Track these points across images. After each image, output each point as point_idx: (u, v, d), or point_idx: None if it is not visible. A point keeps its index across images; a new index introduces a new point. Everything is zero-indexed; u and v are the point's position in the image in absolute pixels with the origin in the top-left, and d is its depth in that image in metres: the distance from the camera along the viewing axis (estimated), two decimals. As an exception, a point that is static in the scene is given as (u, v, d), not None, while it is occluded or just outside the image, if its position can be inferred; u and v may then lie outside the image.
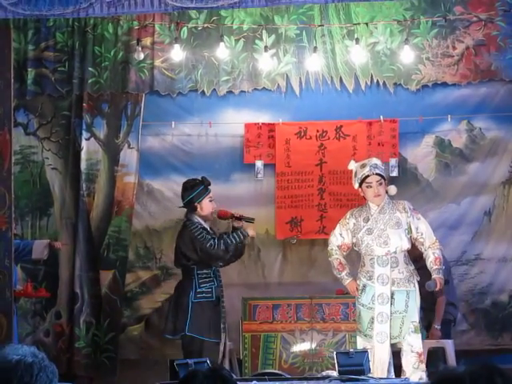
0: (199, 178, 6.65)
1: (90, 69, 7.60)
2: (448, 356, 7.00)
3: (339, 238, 6.40)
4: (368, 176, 6.27)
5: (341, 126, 7.98)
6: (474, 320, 7.92)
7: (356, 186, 6.37)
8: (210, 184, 6.55)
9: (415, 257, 6.58)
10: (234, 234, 6.47)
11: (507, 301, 7.91)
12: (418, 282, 6.33)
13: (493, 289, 7.91)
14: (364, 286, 6.31)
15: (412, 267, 6.37)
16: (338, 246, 6.41)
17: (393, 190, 6.42)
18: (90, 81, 7.61)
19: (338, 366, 5.65)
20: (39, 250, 7.07)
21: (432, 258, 6.30)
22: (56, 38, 7.60)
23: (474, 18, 7.55)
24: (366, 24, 7.61)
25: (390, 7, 7.60)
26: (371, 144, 7.92)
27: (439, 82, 7.77)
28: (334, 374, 5.87)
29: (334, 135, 7.99)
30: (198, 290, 6.37)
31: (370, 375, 5.71)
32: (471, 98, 7.94)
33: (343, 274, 6.40)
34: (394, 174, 7.80)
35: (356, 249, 6.43)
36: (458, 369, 2.29)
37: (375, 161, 6.42)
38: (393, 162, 7.82)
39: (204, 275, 6.39)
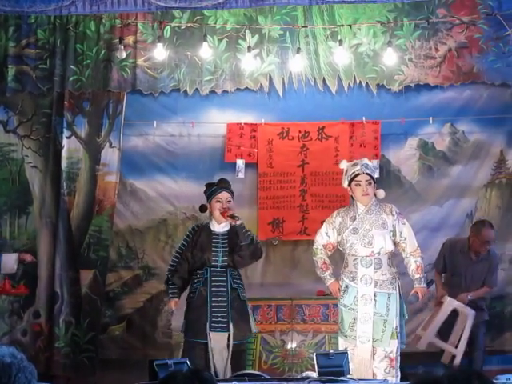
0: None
1: (71, 66, 7.54)
2: (466, 324, 7.02)
3: (325, 236, 6.40)
4: (358, 174, 6.28)
5: (323, 127, 7.97)
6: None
7: (345, 184, 6.37)
8: (226, 186, 6.48)
9: None
10: (170, 287, 6.47)
11: (489, 303, 7.92)
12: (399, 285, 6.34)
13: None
14: (346, 287, 6.30)
15: (395, 270, 6.37)
16: (323, 245, 6.40)
17: (381, 193, 6.43)
18: (71, 79, 7.55)
19: (318, 367, 5.63)
20: (9, 264, 6.80)
21: (414, 266, 6.32)
22: (37, 35, 7.51)
23: (457, 21, 7.55)
24: (350, 25, 7.60)
25: (373, 9, 7.60)
26: (353, 145, 7.92)
27: (422, 84, 7.78)
28: (314, 375, 5.85)
29: (316, 136, 7.98)
30: (190, 291, 6.44)
31: (350, 376, 5.70)
32: (454, 100, 7.96)
33: (326, 273, 6.40)
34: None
35: (340, 248, 6.42)
36: (436, 372, 2.29)
37: (366, 161, 6.45)
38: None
39: (198, 275, 6.42)
